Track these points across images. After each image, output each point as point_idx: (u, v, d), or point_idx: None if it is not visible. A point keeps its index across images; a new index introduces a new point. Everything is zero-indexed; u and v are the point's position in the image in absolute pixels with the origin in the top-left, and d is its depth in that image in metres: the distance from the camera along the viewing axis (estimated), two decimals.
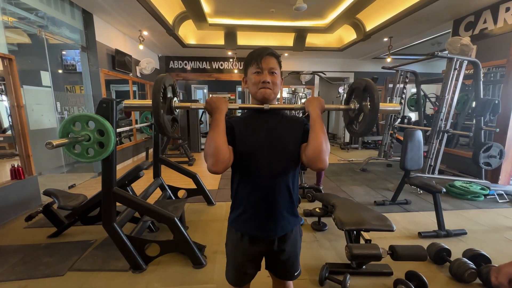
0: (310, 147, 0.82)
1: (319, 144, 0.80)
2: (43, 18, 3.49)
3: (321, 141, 0.81)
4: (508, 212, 2.74)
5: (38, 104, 3.33)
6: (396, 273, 1.69)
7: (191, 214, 2.67)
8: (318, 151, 0.80)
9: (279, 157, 0.90)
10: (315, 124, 0.85)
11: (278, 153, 0.90)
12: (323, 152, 0.80)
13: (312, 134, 0.83)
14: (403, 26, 4.23)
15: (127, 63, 4.80)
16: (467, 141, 4.57)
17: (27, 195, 2.76)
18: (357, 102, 0.99)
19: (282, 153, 0.90)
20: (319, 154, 0.80)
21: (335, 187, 3.62)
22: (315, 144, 0.81)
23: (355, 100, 1.00)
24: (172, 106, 0.93)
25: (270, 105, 0.91)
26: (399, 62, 4.55)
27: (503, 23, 3.39)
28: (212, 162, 0.80)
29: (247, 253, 0.96)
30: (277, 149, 0.90)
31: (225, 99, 0.89)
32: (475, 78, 3.32)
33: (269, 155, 0.89)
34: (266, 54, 0.89)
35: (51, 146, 1.18)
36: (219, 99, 0.88)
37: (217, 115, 0.86)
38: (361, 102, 0.98)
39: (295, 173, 0.96)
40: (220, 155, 0.80)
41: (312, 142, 0.82)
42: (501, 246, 2.08)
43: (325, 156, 0.81)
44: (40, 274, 1.72)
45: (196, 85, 10.41)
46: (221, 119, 0.85)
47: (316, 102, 0.90)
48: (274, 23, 4.80)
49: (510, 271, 0.64)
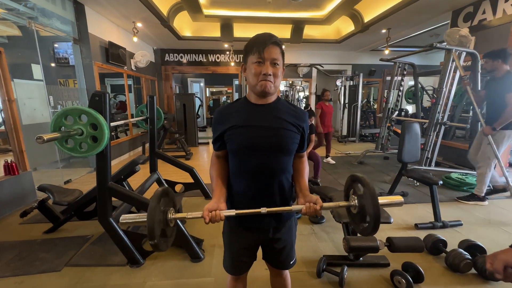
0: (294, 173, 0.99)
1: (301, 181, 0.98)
2: (33, 9, 3.38)
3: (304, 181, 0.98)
4: (502, 203, 2.77)
5: (30, 98, 3.26)
6: (393, 264, 1.71)
7: (189, 208, 2.67)
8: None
9: (276, 155, 0.89)
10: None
11: (275, 151, 0.88)
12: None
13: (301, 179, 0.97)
14: (401, 17, 4.18)
15: (121, 56, 4.70)
16: (464, 134, 4.60)
17: (22, 190, 2.73)
18: (357, 199, 0.83)
19: (279, 151, 0.89)
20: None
21: (333, 180, 3.62)
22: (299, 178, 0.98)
23: (354, 196, 0.85)
24: (167, 219, 0.81)
25: (268, 209, 0.81)
26: (397, 54, 4.51)
27: (502, 13, 3.35)
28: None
29: (242, 241, 0.98)
30: (274, 147, 0.88)
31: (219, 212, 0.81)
32: (473, 70, 3.30)
33: (266, 155, 0.88)
34: (271, 43, 0.82)
35: (41, 140, 1.15)
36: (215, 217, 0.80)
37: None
38: (361, 200, 0.82)
39: (290, 165, 0.96)
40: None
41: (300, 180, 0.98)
42: (496, 236, 2.11)
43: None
44: (36, 270, 1.71)
45: (192, 79, 10.29)
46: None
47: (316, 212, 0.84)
48: (271, 14, 4.71)
49: (506, 258, 0.64)
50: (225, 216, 0.84)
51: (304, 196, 0.91)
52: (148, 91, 6.20)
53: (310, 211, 0.83)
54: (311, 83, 7.47)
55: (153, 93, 6.50)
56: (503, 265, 0.64)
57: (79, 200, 2.12)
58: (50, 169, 3.80)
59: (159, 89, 6.89)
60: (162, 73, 6.87)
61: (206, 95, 10.89)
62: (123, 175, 2.32)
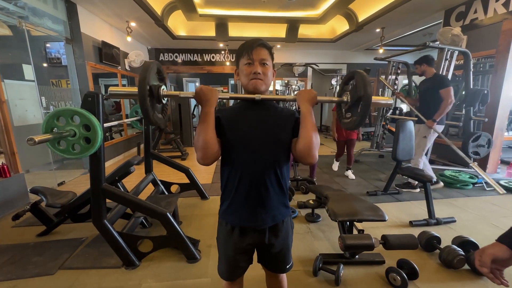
0: (301, 143, 0.84)
1: (309, 140, 0.82)
2: (23, 8, 3.31)
3: (311, 136, 0.82)
4: (495, 200, 2.82)
5: (22, 99, 3.21)
6: (388, 262, 1.72)
7: (185, 208, 2.65)
8: (308, 147, 0.82)
9: (270, 147, 0.90)
10: (305, 119, 0.84)
11: (269, 143, 0.89)
12: (313, 148, 0.82)
13: (303, 129, 0.84)
14: (395, 16, 4.21)
15: (115, 55, 4.65)
16: (457, 131, 4.66)
17: (14, 193, 2.68)
18: (349, 95, 0.95)
19: (273, 143, 0.90)
20: (309, 150, 0.83)
21: (328, 178, 3.64)
22: (305, 140, 0.83)
23: (348, 92, 0.96)
24: (160, 94, 0.88)
25: (262, 96, 0.89)
26: (391, 53, 4.55)
27: (493, 13, 3.41)
28: (201, 155, 0.84)
29: (238, 246, 0.95)
30: (267, 138, 0.89)
31: (215, 90, 0.87)
32: (465, 68, 3.36)
33: (259, 145, 0.89)
34: (257, 45, 0.88)
35: (33, 142, 1.13)
36: (209, 90, 0.85)
37: (206, 108, 0.85)
38: (354, 94, 0.94)
39: (286, 164, 0.95)
40: (209, 149, 0.83)
41: (303, 138, 0.83)
42: (488, 232, 2.15)
43: (315, 152, 0.83)
44: (30, 273, 1.68)
45: (187, 78, 10.23)
46: (210, 112, 0.84)
47: (307, 96, 0.87)
48: (266, 14, 4.70)
49: (493, 251, 0.65)
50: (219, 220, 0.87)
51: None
52: None
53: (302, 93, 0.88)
54: (307, 82, 7.49)
55: None
56: (490, 258, 0.64)
57: (73, 202, 2.09)
58: (43, 171, 3.74)
59: None
60: None
61: None
62: (117, 176, 2.30)
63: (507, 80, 3.31)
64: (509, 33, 3.22)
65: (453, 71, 3.37)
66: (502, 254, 0.63)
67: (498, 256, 0.64)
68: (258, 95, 0.89)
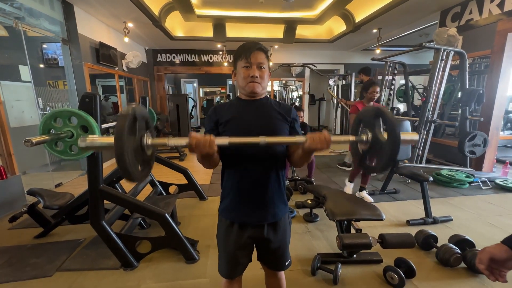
0: (296, 158, 0.94)
1: (303, 162, 0.96)
2: (19, 9, 3.30)
3: (305, 162, 0.96)
4: (490, 198, 2.85)
5: (18, 100, 3.19)
6: (386, 260, 1.74)
7: (183, 209, 2.65)
8: (301, 164, 0.97)
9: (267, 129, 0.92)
10: (309, 154, 0.89)
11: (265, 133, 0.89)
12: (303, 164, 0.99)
13: (304, 154, 0.90)
14: (391, 17, 4.24)
15: (112, 56, 4.63)
16: (453, 131, 4.70)
17: (11, 195, 2.66)
18: (369, 132, 0.79)
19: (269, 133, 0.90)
20: (300, 165, 0.99)
21: (327, 178, 3.66)
22: (299, 162, 0.95)
23: (366, 129, 0.81)
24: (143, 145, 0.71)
25: (266, 139, 0.80)
26: (388, 53, 4.57)
27: (488, 13, 3.44)
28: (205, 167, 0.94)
29: (238, 241, 0.98)
30: (264, 129, 0.92)
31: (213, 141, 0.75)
32: (461, 68, 3.38)
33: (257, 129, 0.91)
34: (256, 49, 0.91)
35: (30, 143, 1.13)
36: (206, 142, 0.74)
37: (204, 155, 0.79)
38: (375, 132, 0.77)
39: (284, 161, 0.99)
40: (212, 167, 0.94)
41: (300, 158, 0.93)
42: (484, 230, 2.17)
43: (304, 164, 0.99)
44: (27, 275, 1.68)
45: (185, 79, 10.22)
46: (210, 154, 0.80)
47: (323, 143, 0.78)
48: (264, 14, 4.71)
49: (492, 250, 0.67)
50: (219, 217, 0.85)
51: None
52: (141, 92, 6.13)
53: (317, 142, 0.77)
54: (304, 82, 7.51)
55: (145, 94, 6.43)
56: (488, 256, 0.66)
57: (71, 204, 2.09)
58: (40, 173, 3.72)
59: (151, 90, 6.82)
60: (154, 73, 6.80)
61: (199, 95, 10.83)
62: (115, 177, 2.29)
63: (502, 80, 3.35)
64: (504, 33, 3.25)
65: (449, 71, 3.41)
66: (501, 254, 0.65)
67: (496, 254, 0.65)
68: (262, 139, 0.78)
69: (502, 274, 0.66)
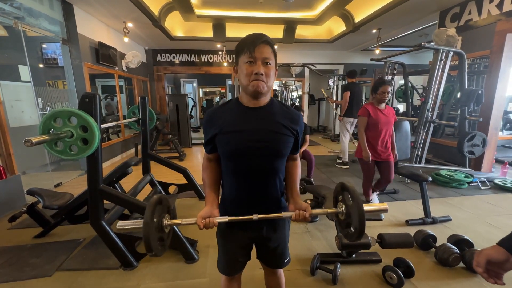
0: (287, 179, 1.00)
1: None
2: (19, 8, 3.29)
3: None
4: (489, 198, 2.85)
5: (18, 100, 3.19)
6: (385, 260, 1.74)
7: (183, 209, 2.65)
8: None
9: (269, 152, 0.89)
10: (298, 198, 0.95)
11: (269, 148, 0.88)
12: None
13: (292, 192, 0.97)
14: (391, 17, 4.25)
15: (112, 56, 4.63)
16: (453, 131, 4.71)
17: (10, 195, 2.66)
18: (344, 206, 0.86)
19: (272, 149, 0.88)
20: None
21: (326, 178, 3.66)
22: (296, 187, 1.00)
23: (341, 203, 0.88)
24: (163, 225, 0.84)
25: (259, 216, 0.84)
26: (387, 54, 4.58)
27: (487, 14, 3.45)
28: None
29: (237, 239, 0.98)
30: (267, 150, 0.87)
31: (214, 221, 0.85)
32: (460, 69, 3.39)
33: (259, 151, 0.87)
34: (260, 42, 0.80)
35: (30, 143, 1.13)
36: (209, 224, 0.85)
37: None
38: (347, 204, 0.85)
39: (283, 166, 0.96)
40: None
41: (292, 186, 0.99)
42: (483, 230, 2.18)
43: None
44: (27, 275, 1.68)
45: (185, 79, 10.22)
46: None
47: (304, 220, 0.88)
48: (263, 15, 4.72)
49: (489, 252, 0.66)
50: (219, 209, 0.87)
51: (295, 202, 0.92)
52: (140, 92, 6.13)
53: (300, 219, 0.87)
54: (304, 82, 7.52)
55: (145, 94, 6.43)
56: (485, 259, 0.66)
57: (70, 204, 2.09)
58: (39, 173, 3.72)
59: (151, 90, 6.81)
60: (154, 73, 6.80)
61: (199, 95, 10.83)
62: (115, 177, 2.29)
63: (501, 80, 3.36)
64: (503, 33, 3.26)
65: (448, 71, 3.41)
66: (498, 255, 0.64)
67: (493, 257, 0.65)
68: (256, 215, 0.84)
69: (500, 276, 0.66)
